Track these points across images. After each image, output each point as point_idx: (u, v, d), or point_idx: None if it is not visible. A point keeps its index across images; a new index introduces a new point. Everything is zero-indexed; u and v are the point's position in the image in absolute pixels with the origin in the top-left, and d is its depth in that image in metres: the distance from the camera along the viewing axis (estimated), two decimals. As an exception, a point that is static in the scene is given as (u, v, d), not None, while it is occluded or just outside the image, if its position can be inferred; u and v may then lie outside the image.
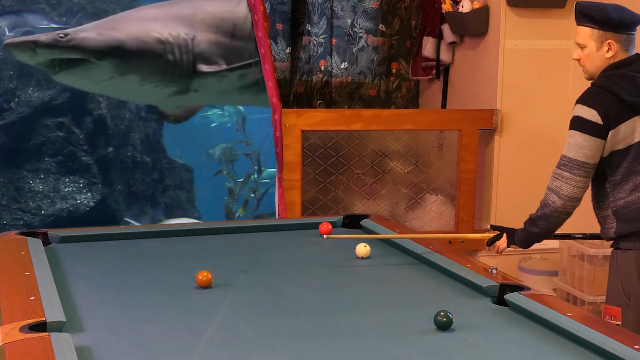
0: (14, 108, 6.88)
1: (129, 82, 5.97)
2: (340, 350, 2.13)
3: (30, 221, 6.75)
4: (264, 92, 6.36)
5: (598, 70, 3.03)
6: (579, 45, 3.04)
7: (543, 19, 4.74)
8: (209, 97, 6.47)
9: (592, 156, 2.94)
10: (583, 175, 2.97)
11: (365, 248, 3.06)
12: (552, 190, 3.02)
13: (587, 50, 3.01)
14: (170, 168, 7.71)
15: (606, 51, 2.98)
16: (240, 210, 8.13)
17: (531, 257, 4.77)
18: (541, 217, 3.08)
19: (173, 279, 2.77)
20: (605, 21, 2.96)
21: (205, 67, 5.90)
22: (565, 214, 3.03)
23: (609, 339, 2.10)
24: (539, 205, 3.10)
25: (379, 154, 4.97)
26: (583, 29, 3.00)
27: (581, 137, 2.94)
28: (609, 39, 2.97)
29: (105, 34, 5.89)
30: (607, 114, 2.93)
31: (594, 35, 2.98)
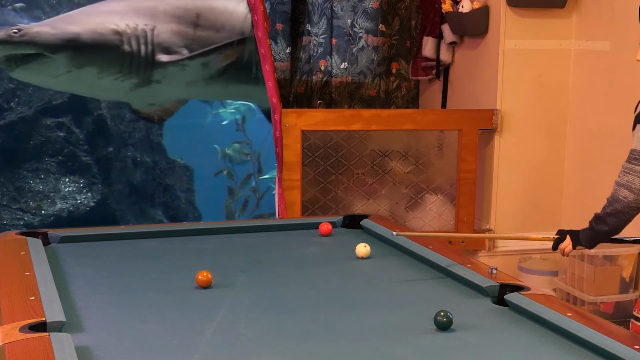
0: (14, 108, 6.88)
1: (87, 75, 5.91)
2: (340, 350, 2.13)
3: (30, 221, 6.75)
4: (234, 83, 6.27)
5: None
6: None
7: (543, 19, 4.74)
8: (175, 90, 6.37)
9: None
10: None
11: (365, 248, 3.06)
12: (623, 185, 2.91)
13: None
14: (170, 168, 7.71)
15: None
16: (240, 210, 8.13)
17: (531, 257, 4.78)
18: (611, 213, 2.94)
19: (173, 279, 2.77)
20: None
21: (165, 56, 5.86)
22: (637, 209, 2.91)
23: (609, 339, 2.10)
24: (607, 202, 2.98)
25: (379, 154, 4.97)
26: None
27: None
28: None
29: (59, 27, 5.84)
30: None
31: None
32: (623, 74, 4.41)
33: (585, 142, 4.76)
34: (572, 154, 4.86)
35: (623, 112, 4.41)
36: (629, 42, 4.36)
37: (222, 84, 6.05)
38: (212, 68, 5.93)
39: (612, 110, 4.52)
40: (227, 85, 6.06)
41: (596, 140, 4.66)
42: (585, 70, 4.72)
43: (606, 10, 4.52)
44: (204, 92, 6.62)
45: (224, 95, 6.67)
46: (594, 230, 3.03)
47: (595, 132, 4.66)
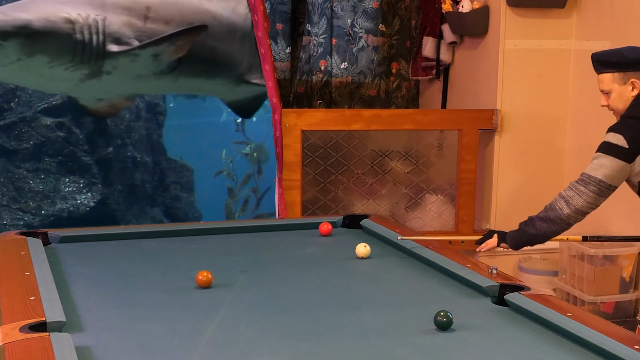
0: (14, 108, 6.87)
1: (38, 63, 5.74)
2: (340, 350, 2.13)
3: (30, 221, 6.74)
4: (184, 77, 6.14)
5: (626, 107, 3.13)
6: (604, 92, 3.14)
7: (543, 19, 4.74)
8: (124, 82, 6.18)
9: (610, 177, 3.00)
10: (596, 193, 3.02)
11: (365, 248, 3.06)
12: (563, 197, 3.06)
13: (613, 95, 3.11)
14: (170, 168, 7.71)
15: (631, 90, 3.09)
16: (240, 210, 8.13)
17: (531, 257, 4.78)
18: (543, 219, 3.08)
19: (173, 279, 2.77)
20: (623, 63, 3.09)
21: (116, 47, 5.76)
22: (566, 225, 3.07)
23: (609, 339, 2.10)
24: (544, 208, 3.12)
25: (379, 154, 4.97)
26: (604, 76, 3.13)
27: (604, 158, 3.01)
28: (632, 78, 3.09)
29: (10, 14, 5.67)
30: (633, 138, 3.01)
31: (616, 79, 3.11)
32: (623, 74, 4.41)
33: (585, 142, 4.76)
34: (572, 154, 4.86)
35: (623, 112, 4.41)
36: (629, 42, 4.36)
37: (172, 78, 5.93)
38: (164, 61, 5.82)
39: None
40: (177, 79, 5.94)
41: (596, 140, 4.63)
42: (585, 70, 4.72)
43: (606, 10, 4.52)
44: (155, 86, 6.46)
45: (175, 89, 6.54)
46: (522, 231, 3.12)
47: (595, 132, 4.65)
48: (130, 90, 6.55)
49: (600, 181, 2.99)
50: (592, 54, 3.17)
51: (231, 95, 6.42)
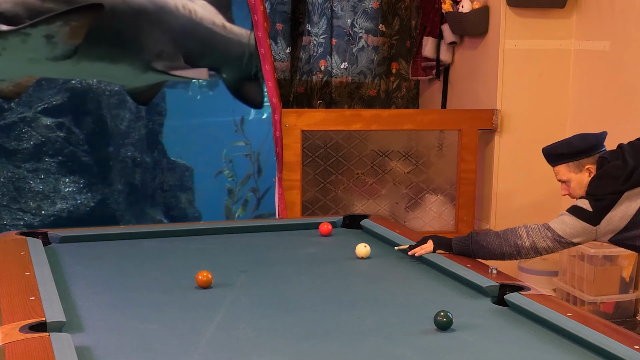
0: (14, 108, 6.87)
1: None
2: (340, 349, 2.13)
3: (30, 221, 6.74)
4: (86, 60, 5.59)
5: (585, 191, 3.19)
6: (563, 181, 3.18)
7: (543, 19, 4.74)
8: (17, 64, 5.79)
9: (570, 234, 3.04)
10: (557, 243, 3.06)
11: (365, 248, 3.06)
12: (526, 228, 3.08)
13: (572, 183, 3.16)
14: (170, 168, 7.71)
15: (587, 175, 3.13)
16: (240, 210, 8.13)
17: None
18: (499, 235, 3.08)
19: (173, 279, 2.77)
20: (575, 152, 3.14)
21: (5, 26, 5.37)
22: (516, 252, 3.07)
23: (609, 339, 2.10)
24: (504, 229, 3.13)
25: (379, 154, 4.97)
26: (559, 168, 3.17)
27: (568, 217, 3.06)
28: (586, 164, 3.14)
29: None
30: (596, 205, 3.06)
31: (571, 168, 3.15)
32: (623, 74, 4.41)
33: (585, 142, 4.75)
34: (572, 154, 4.85)
35: (623, 112, 4.41)
36: (629, 42, 4.36)
37: (73, 60, 5.53)
38: (59, 45, 5.44)
39: (612, 110, 4.51)
40: (78, 62, 5.56)
41: (596, 140, 4.65)
42: (585, 70, 4.72)
43: (606, 10, 4.52)
44: (53, 69, 6.01)
45: (76, 73, 6.14)
46: (472, 239, 3.08)
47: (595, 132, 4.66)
48: (26, 73, 6.15)
49: (561, 237, 3.03)
50: (543, 149, 3.23)
51: (135, 82, 6.07)
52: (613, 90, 4.50)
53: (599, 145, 3.20)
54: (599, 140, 3.21)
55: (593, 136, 3.21)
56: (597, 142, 3.20)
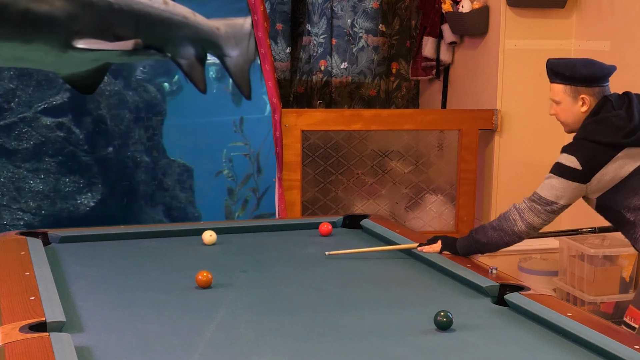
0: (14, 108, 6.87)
1: None
2: (340, 350, 2.13)
3: (30, 221, 6.74)
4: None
5: (576, 124, 3.08)
6: (554, 101, 3.08)
7: (543, 19, 4.74)
8: None
9: (561, 197, 2.95)
10: (549, 212, 2.97)
11: (210, 237, 3.18)
12: (517, 210, 3.00)
13: (562, 106, 3.06)
14: (170, 168, 7.70)
15: (581, 105, 3.02)
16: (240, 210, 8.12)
17: (531, 257, 4.78)
18: (496, 228, 3.01)
19: (173, 279, 2.77)
20: (576, 77, 3.01)
21: None
22: (518, 238, 3.00)
23: (609, 339, 2.10)
24: (497, 217, 3.06)
25: (379, 154, 4.97)
26: (556, 86, 3.05)
27: (556, 180, 2.95)
28: (582, 93, 3.01)
29: None
30: (586, 160, 2.95)
31: (567, 91, 3.03)
32: (623, 74, 4.41)
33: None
34: (572, 154, 4.85)
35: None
36: (629, 42, 4.36)
37: None
38: None
39: (612, 110, 4.51)
40: None
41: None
42: (585, 70, 4.72)
43: (606, 10, 4.52)
44: None
45: None
46: (472, 239, 3.04)
47: (595, 132, 4.66)
48: None
49: (552, 202, 2.94)
50: (548, 60, 3.09)
51: (57, 64, 5.59)
52: (613, 90, 4.49)
53: (604, 78, 3.06)
54: (605, 72, 3.07)
55: (599, 66, 3.07)
56: (602, 75, 3.06)
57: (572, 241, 4.42)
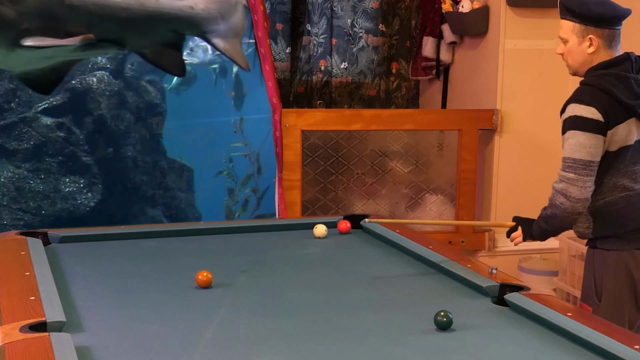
0: (14, 108, 6.87)
1: None
2: (340, 350, 2.13)
3: (30, 221, 6.74)
4: None
5: (581, 66, 2.99)
6: (562, 39, 2.99)
7: (543, 19, 4.74)
8: None
9: (597, 154, 2.84)
10: (590, 175, 2.85)
11: (320, 229, 3.20)
12: (559, 192, 2.90)
13: (569, 45, 2.97)
14: (170, 168, 7.71)
15: (588, 46, 2.94)
16: (240, 211, 8.13)
17: (531, 257, 4.78)
18: (552, 216, 2.95)
19: (173, 279, 2.77)
20: (586, 15, 2.91)
21: None
22: (576, 214, 2.91)
23: (609, 339, 2.10)
24: (548, 204, 2.97)
25: (379, 154, 4.97)
26: (565, 23, 2.96)
27: (583, 136, 2.82)
28: (591, 33, 2.93)
29: None
30: (607, 112, 2.85)
31: (575, 30, 2.94)
32: (623, 74, 4.41)
33: (585, 142, 4.75)
34: (572, 154, 4.85)
35: (623, 112, 4.41)
36: (629, 42, 4.36)
37: None
38: None
39: (612, 110, 4.51)
40: None
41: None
42: (585, 70, 4.72)
43: (606, 10, 4.52)
44: None
45: None
46: (541, 229, 3.01)
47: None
48: None
49: (590, 162, 2.81)
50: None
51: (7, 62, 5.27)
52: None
53: (616, 20, 2.96)
54: (618, 14, 2.97)
55: (612, 7, 2.96)
56: (614, 16, 2.96)
57: (572, 241, 4.42)
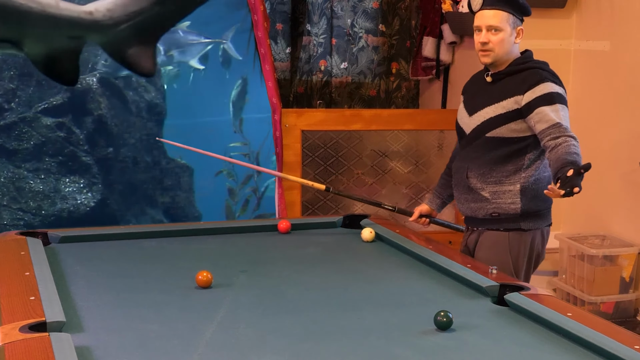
0: (14, 108, 6.87)
1: None
2: (340, 350, 2.13)
3: (30, 221, 6.74)
4: None
5: (505, 55, 3.13)
6: (494, 28, 3.10)
7: (543, 19, 4.74)
8: None
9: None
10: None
11: (370, 234, 3.18)
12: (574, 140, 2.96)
13: (502, 35, 3.10)
14: (170, 168, 7.70)
15: (516, 37, 3.12)
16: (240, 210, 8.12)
17: (531, 257, 4.77)
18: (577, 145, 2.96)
19: (173, 279, 2.77)
20: (520, 7, 3.12)
21: None
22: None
23: (609, 339, 2.10)
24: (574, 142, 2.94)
25: (379, 154, 4.97)
26: (501, 13, 3.09)
27: (565, 110, 3.01)
28: (520, 25, 3.12)
29: None
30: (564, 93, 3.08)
31: (510, 20, 3.10)
32: (623, 74, 4.41)
33: (585, 142, 4.74)
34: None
35: (623, 112, 4.41)
36: (629, 42, 4.36)
37: None
38: None
39: (611, 110, 4.51)
40: None
41: (596, 140, 4.65)
42: (585, 70, 4.72)
43: (606, 10, 4.52)
44: None
45: None
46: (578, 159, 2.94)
47: (595, 132, 4.66)
48: None
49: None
50: None
51: None
52: (613, 90, 4.49)
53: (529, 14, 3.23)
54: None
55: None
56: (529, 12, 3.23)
57: (572, 241, 4.42)
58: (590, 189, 4.68)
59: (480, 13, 3.14)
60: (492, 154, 3.09)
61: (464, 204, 3.22)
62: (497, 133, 3.08)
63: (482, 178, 3.13)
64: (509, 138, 3.07)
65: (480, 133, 3.13)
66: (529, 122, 3.02)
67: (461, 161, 3.22)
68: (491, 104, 3.13)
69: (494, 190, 3.11)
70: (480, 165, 3.13)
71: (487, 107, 3.14)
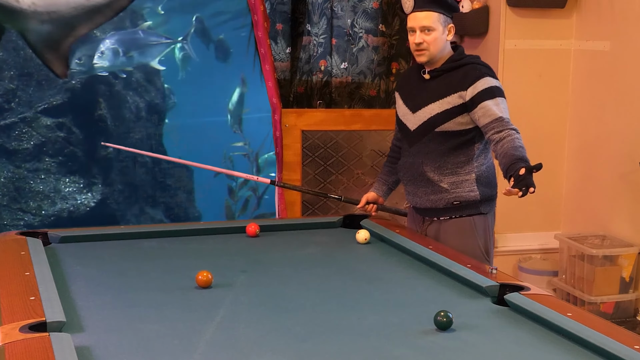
0: (14, 108, 6.88)
1: None
2: (340, 350, 2.13)
3: (31, 221, 6.75)
4: None
5: (439, 52, 3.25)
6: (427, 28, 3.20)
7: (543, 19, 4.74)
8: None
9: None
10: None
11: (365, 240, 3.20)
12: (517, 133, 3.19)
13: (435, 34, 3.21)
14: (170, 168, 7.71)
15: (447, 35, 3.23)
16: (240, 210, 8.13)
17: (531, 257, 4.78)
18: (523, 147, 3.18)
19: (173, 279, 2.77)
20: (450, 6, 3.23)
21: None
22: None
23: (609, 339, 2.10)
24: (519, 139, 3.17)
25: (379, 154, 4.97)
26: (432, 14, 3.20)
27: (505, 103, 3.20)
28: (450, 23, 3.23)
29: None
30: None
31: (441, 20, 3.21)
32: (623, 74, 4.41)
33: (585, 142, 4.76)
34: (571, 154, 4.86)
35: (622, 112, 4.41)
36: (629, 42, 4.36)
37: None
38: None
39: (611, 110, 4.51)
40: None
41: (596, 139, 4.66)
42: (585, 70, 4.72)
43: (606, 10, 4.52)
44: None
45: None
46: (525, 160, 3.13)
47: (595, 132, 4.66)
48: None
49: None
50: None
51: None
52: (613, 90, 4.49)
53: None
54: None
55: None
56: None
57: (572, 241, 4.42)
58: (590, 189, 4.68)
59: (412, 15, 3.26)
60: (444, 146, 3.26)
61: (422, 197, 3.35)
62: (446, 127, 3.25)
63: (438, 170, 3.30)
64: (457, 131, 3.25)
65: (428, 128, 3.28)
66: (473, 116, 3.21)
67: (414, 157, 3.35)
68: (435, 100, 3.27)
69: (451, 180, 3.29)
70: (434, 158, 3.30)
71: (431, 103, 3.28)
